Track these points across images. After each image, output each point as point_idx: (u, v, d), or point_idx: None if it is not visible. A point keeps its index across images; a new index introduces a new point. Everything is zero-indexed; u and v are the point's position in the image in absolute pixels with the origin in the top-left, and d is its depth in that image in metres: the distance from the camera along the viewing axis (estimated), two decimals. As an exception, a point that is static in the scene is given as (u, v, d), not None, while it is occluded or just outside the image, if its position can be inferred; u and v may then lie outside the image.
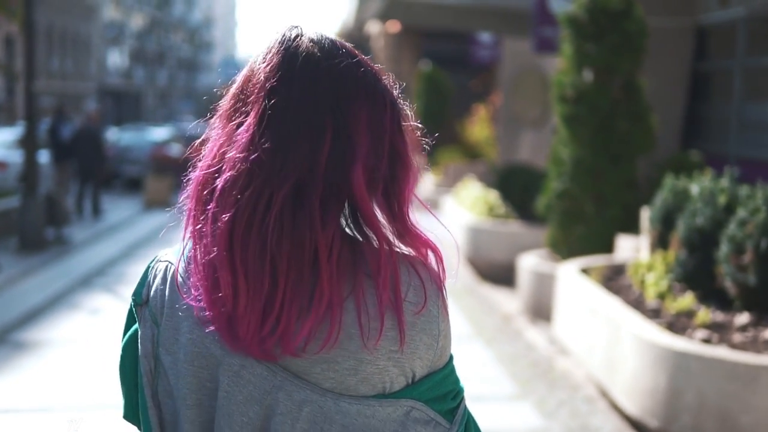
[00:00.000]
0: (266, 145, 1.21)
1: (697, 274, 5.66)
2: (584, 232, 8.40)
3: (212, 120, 1.31)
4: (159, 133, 25.78)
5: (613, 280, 6.53)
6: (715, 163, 8.60)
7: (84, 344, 7.48)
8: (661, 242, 6.38)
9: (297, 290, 1.19)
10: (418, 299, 1.25)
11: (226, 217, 1.20)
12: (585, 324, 6.19)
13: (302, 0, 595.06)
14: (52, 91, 36.21)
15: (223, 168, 1.23)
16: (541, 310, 8.34)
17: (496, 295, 9.68)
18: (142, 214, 17.82)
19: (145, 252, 12.72)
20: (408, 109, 1.31)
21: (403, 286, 1.24)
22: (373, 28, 27.50)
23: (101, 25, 48.76)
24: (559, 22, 8.76)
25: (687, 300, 5.52)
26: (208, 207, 1.23)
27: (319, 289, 1.19)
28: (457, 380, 1.33)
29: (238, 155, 1.21)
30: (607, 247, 8.20)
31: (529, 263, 8.72)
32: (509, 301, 9.19)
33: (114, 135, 25.75)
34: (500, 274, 10.39)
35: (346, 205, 1.25)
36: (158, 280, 1.31)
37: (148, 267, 1.35)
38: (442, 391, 1.29)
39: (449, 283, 1.32)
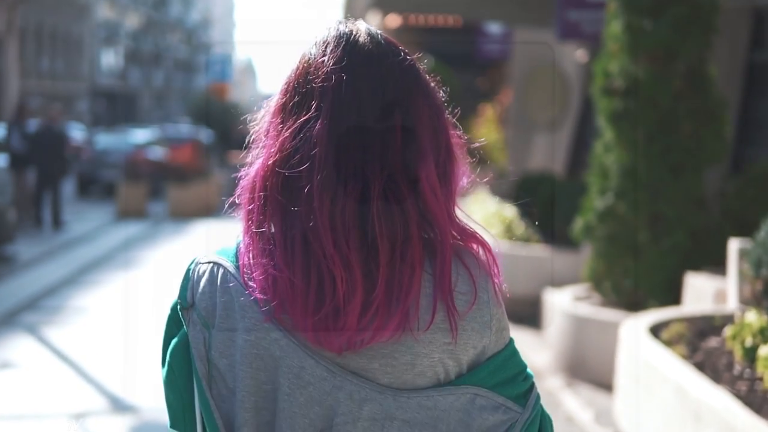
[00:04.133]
0: (346, 140, 1.21)
1: None
2: (635, 264, 6.46)
3: (262, 115, 1.30)
4: (141, 135, 24.00)
5: (698, 348, 4.57)
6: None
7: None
8: (770, 294, 4.42)
9: (391, 283, 1.20)
10: (467, 288, 1.26)
11: (322, 214, 1.19)
12: (668, 416, 4.24)
13: (301, 2, 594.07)
14: (41, 92, 35.10)
15: (303, 164, 1.21)
16: (580, 368, 6.40)
17: (517, 340, 7.67)
18: (111, 225, 15.90)
19: (97, 277, 10.72)
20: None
21: (453, 277, 1.24)
22: (367, 22, 25.84)
23: (94, 24, 47.31)
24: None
25: (833, 393, 3.59)
26: (285, 204, 1.22)
27: (407, 282, 1.20)
28: (521, 362, 1.31)
29: (321, 151, 1.21)
30: (668, 287, 6.26)
31: (563, 302, 6.80)
32: (535, 351, 7.21)
33: (93, 137, 24.10)
34: (521, 311, 8.28)
35: None
36: (204, 282, 1.27)
37: (188, 269, 1.31)
38: (506, 375, 1.28)
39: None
